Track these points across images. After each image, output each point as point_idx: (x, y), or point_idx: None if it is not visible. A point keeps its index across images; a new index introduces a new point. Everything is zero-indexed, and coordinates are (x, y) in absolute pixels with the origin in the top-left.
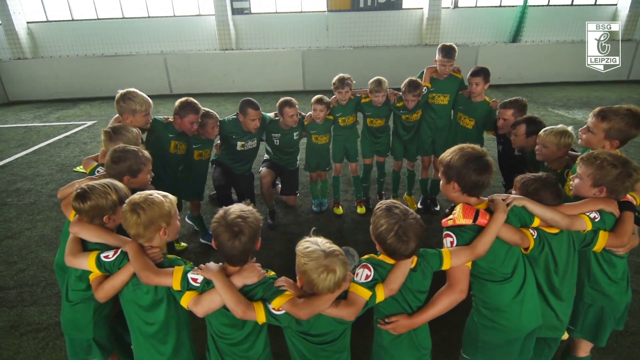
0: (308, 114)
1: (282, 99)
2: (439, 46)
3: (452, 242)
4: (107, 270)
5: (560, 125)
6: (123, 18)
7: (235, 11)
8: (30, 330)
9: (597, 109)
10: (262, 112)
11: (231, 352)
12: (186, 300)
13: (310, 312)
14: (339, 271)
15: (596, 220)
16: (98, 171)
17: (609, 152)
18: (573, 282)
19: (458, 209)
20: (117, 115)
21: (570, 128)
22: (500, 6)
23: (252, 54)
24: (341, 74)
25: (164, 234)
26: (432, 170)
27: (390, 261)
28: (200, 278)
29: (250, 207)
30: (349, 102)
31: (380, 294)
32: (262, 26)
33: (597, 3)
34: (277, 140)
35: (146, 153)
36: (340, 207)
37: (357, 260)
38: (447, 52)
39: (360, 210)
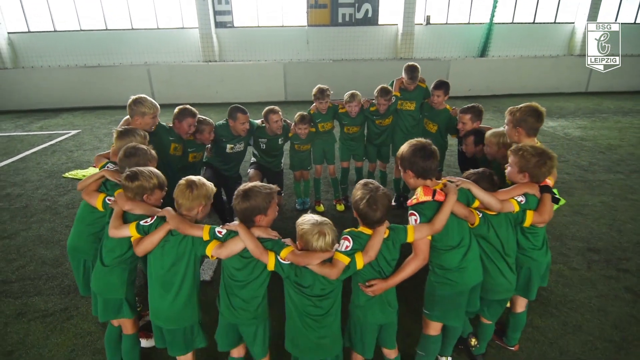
0: (293, 125)
1: (267, 108)
2: (404, 66)
3: (415, 220)
4: (146, 232)
5: (500, 128)
6: (106, 30)
7: (218, 24)
8: (37, 316)
9: (509, 108)
10: (250, 120)
11: (235, 294)
12: (211, 247)
13: (305, 261)
14: (328, 235)
15: (522, 202)
16: (108, 167)
17: (530, 144)
18: (515, 253)
19: (419, 190)
20: (127, 117)
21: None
22: (469, 23)
23: (235, 65)
24: (320, 85)
25: (201, 210)
26: None
27: (367, 231)
28: (224, 231)
29: (257, 186)
30: (327, 110)
31: (360, 262)
32: (245, 39)
33: (557, 21)
34: (264, 145)
35: (153, 152)
36: (321, 205)
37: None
38: (411, 75)
39: (340, 207)
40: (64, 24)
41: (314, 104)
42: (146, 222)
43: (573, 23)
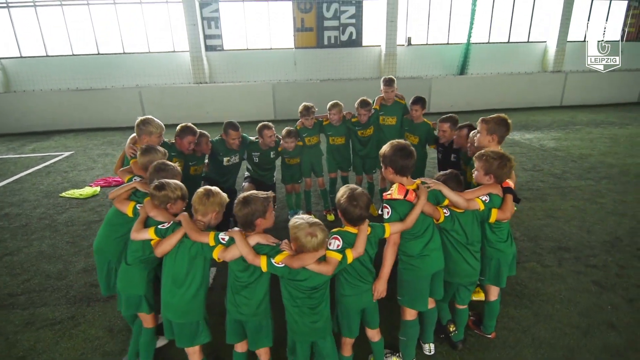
0: (282, 141)
1: (261, 124)
2: (382, 78)
3: (388, 212)
4: (163, 235)
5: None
6: (98, 54)
7: (208, 48)
8: (45, 325)
9: (482, 118)
10: (244, 135)
11: (239, 293)
12: (217, 251)
13: (300, 263)
14: (319, 235)
15: (486, 201)
16: (135, 179)
17: (492, 149)
18: (479, 243)
19: (395, 187)
20: (134, 135)
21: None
22: (448, 43)
23: (225, 86)
24: (306, 103)
25: (214, 216)
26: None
27: (352, 230)
28: (227, 237)
29: (254, 193)
30: (313, 125)
31: (350, 257)
32: (235, 61)
33: (530, 40)
34: (257, 158)
35: (178, 168)
36: (332, 214)
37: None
38: (387, 82)
39: (330, 217)
40: (56, 48)
41: (300, 120)
42: (163, 226)
43: (545, 42)
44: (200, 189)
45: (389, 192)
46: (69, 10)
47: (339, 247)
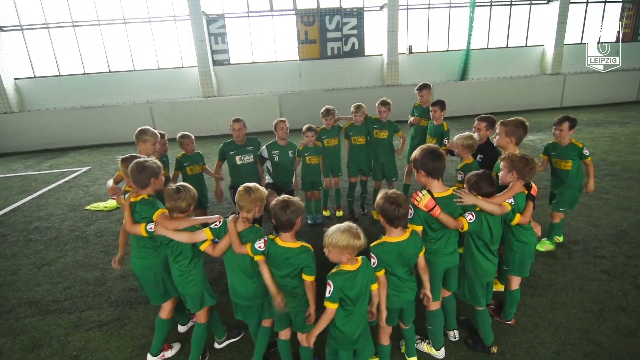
0: (301, 142)
1: (276, 119)
2: (380, 100)
3: (410, 213)
4: (217, 234)
5: (466, 133)
6: (109, 72)
7: (216, 62)
8: (93, 326)
9: (501, 120)
10: (254, 137)
11: (235, 271)
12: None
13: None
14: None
15: (512, 204)
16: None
17: (513, 152)
18: (499, 242)
19: (426, 197)
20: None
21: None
22: (448, 50)
23: (233, 99)
24: (327, 106)
25: (257, 210)
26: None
27: (391, 239)
28: (263, 246)
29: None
30: (332, 128)
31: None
32: (241, 74)
33: (528, 45)
34: (277, 157)
35: (158, 162)
36: (327, 210)
37: None
38: (384, 102)
39: (339, 213)
40: (68, 68)
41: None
42: (216, 225)
43: (543, 45)
44: (241, 187)
45: (419, 197)
46: (80, 31)
47: (375, 266)
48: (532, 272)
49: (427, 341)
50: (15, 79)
